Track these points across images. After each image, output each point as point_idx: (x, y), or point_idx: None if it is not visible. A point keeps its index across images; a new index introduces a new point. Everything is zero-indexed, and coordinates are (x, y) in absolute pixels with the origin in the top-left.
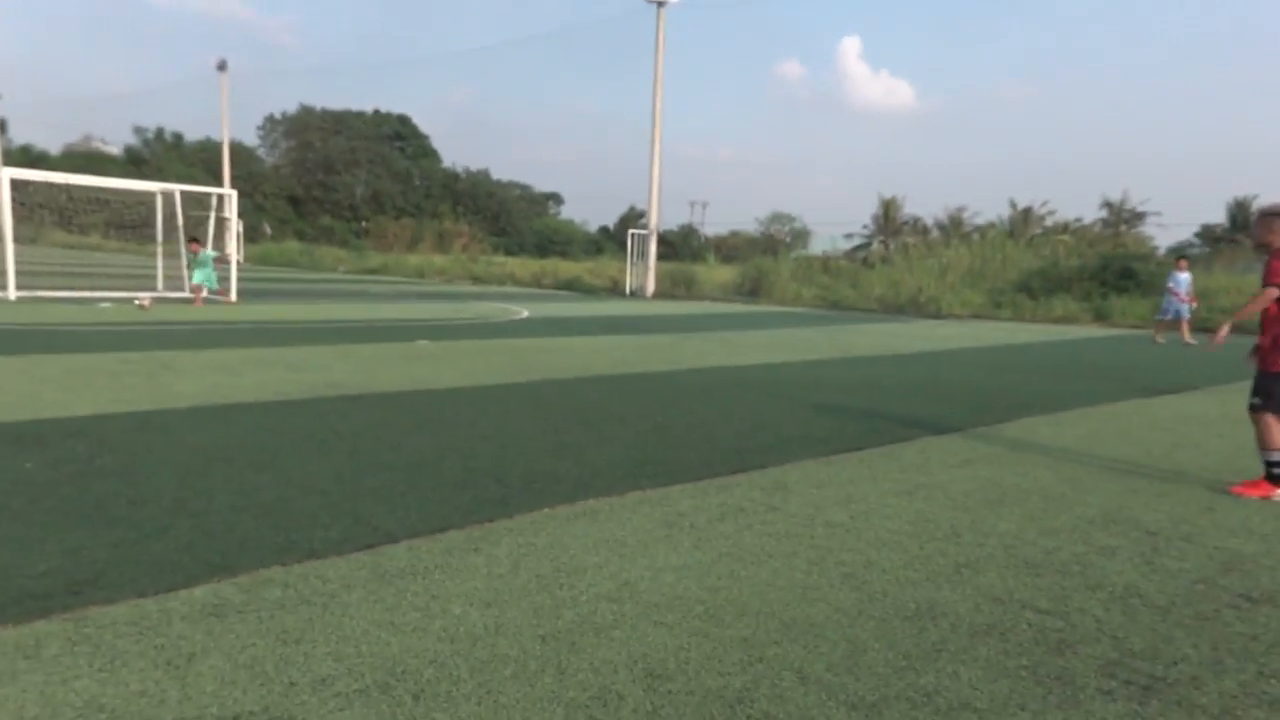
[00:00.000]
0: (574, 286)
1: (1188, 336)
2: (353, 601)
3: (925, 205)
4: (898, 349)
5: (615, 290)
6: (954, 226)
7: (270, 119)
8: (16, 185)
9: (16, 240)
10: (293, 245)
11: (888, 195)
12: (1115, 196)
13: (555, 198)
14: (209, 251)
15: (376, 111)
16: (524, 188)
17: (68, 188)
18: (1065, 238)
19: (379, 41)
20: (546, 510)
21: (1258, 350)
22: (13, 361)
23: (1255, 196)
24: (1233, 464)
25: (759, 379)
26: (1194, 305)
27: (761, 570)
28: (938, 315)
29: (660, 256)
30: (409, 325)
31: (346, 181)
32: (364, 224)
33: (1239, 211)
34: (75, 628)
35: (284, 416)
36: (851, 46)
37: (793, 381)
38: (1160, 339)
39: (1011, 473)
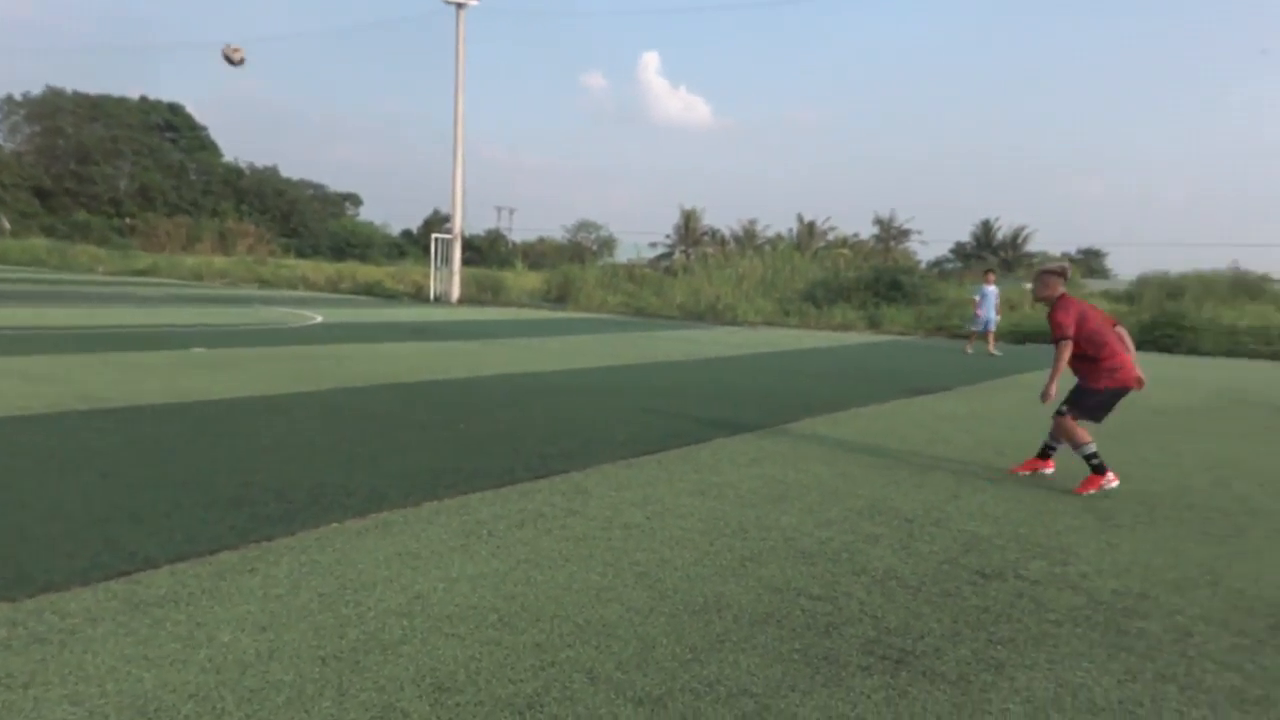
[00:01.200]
0: (374, 291)
1: (992, 347)
2: (98, 636)
3: (723, 217)
4: (697, 354)
5: (419, 296)
6: (748, 238)
7: (9, 100)
8: None
9: None
10: (38, 242)
11: (688, 207)
12: (885, 215)
13: (353, 198)
14: None
15: (143, 98)
16: (317, 187)
17: None
18: (845, 251)
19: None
20: (335, 525)
21: (1045, 396)
22: None
23: (998, 218)
24: (976, 456)
25: (563, 385)
26: (998, 318)
27: (558, 574)
28: (734, 322)
29: (466, 262)
30: (183, 331)
31: (106, 173)
32: (128, 221)
33: (983, 231)
34: None
35: (19, 434)
36: (651, 61)
37: (597, 387)
38: (970, 349)
39: (794, 470)
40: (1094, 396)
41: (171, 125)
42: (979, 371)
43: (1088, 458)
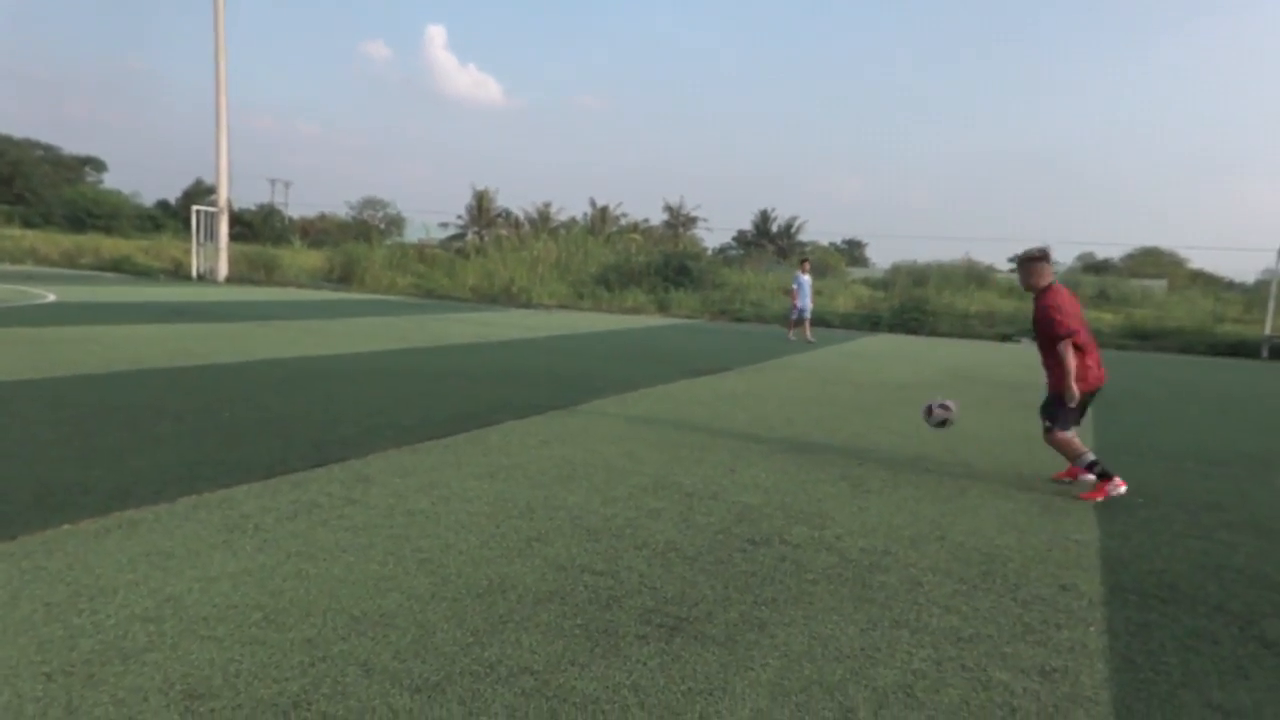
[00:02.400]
0: (123, 268)
1: (808, 334)
2: None
3: (517, 199)
4: (490, 337)
5: (179, 274)
6: (543, 221)
7: None
8: None
9: None
10: None
11: (481, 187)
12: (674, 202)
13: (94, 163)
14: None
15: None
16: (48, 148)
17: None
18: (636, 236)
19: None
20: (66, 527)
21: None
22: None
23: (774, 208)
24: (752, 432)
25: (346, 369)
26: (812, 305)
27: (334, 566)
28: (528, 305)
29: (237, 238)
30: None
31: None
32: None
33: (762, 220)
34: None
35: None
36: (437, 35)
37: (382, 371)
38: (793, 336)
39: (583, 450)
40: (1058, 403)
41: None
42: (757, 353)
43: (1089, 466)
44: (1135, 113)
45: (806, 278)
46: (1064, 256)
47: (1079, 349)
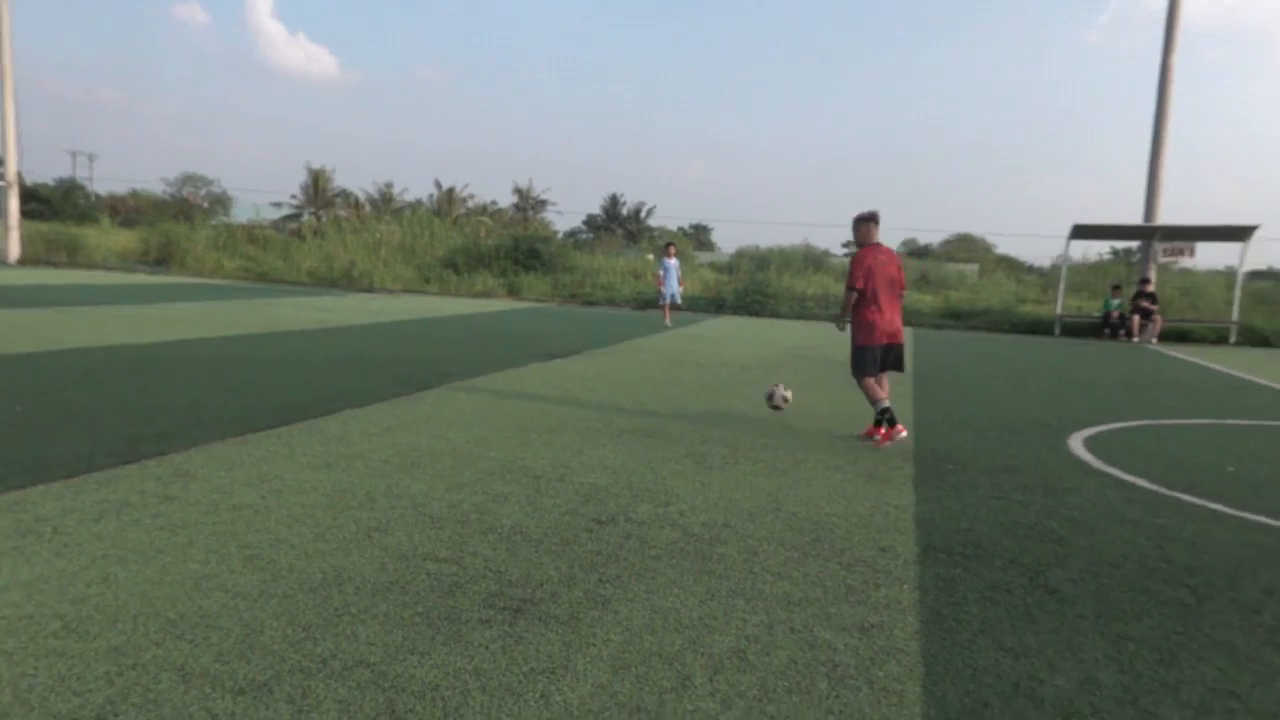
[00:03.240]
0: None
1: (667, 319)
2: None
3: (356, 179)
4: (329, 322)
5: None
6: (385, 202)
7: None
8: None
9: None
10: None
11: (317, 165)
12: (524, 185)
13: None
14: None
15: None
16: None
17: None
18: (485, 219)
19: None
20: None
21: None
22: None
23: (623, 193)
24: (599, 413)
25: (164, 358)
26: (681, 289)
27: (147, 568)
28: (370, 289)
29: (31, 215)
30: None
31: None
32: None
33: (611, 204)
34: None
35: None
36: (261, 2)
37: (206, 359)
38: (669, 322)
39: (428, 436)
40: (857, 354)
41: None
42: (607, 336)
43: (881, 412)
44: (950, 108)
45: (673, 262)
46: (890, 241)
47: (872, 303)
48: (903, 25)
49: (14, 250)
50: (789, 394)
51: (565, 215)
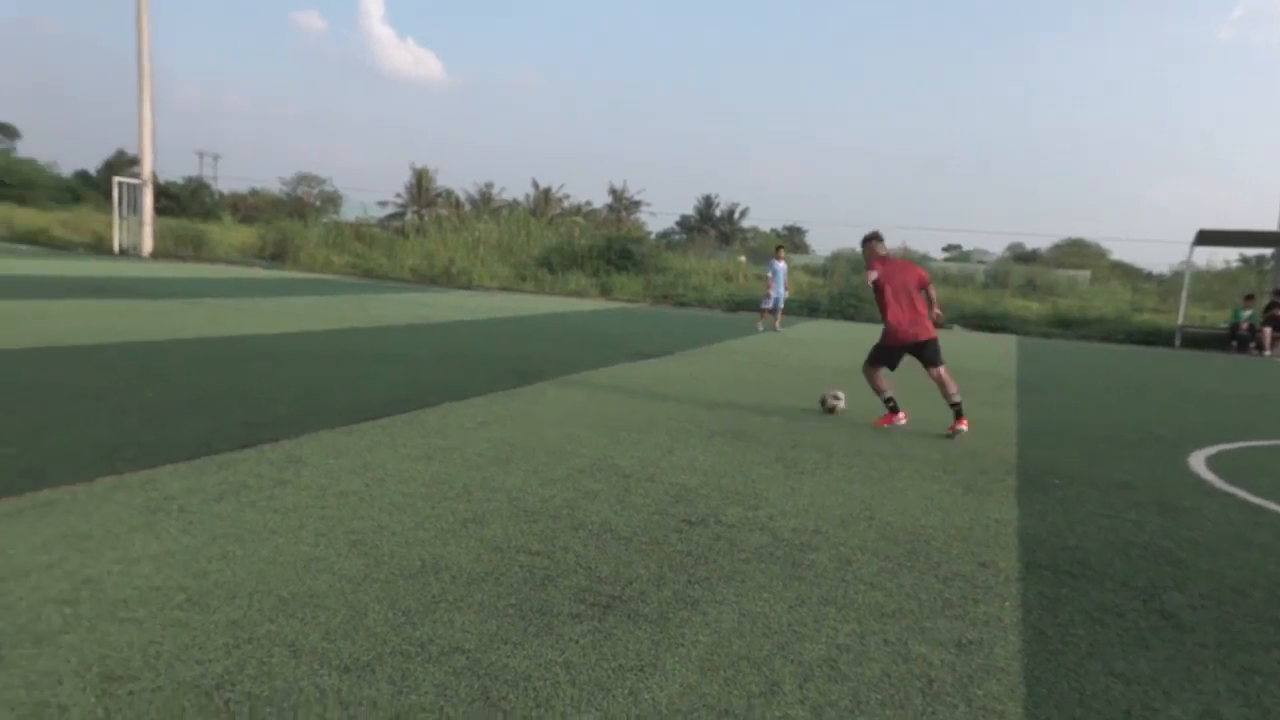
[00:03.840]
0: (39, 240)
1: (778, 323)
2: None
3: (458, 179)
4: (429, 318)
5: (100, 248)
6: (484, 202)
7: None
8: None
9: None
10: None
11: (420, 166)
12: (619, 185)
13: (6, 130)
14: None
15: None
16: None
17: None
18: (579, 219)
19: None
20: None
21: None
22: None
23: (717, 194)
24: (690, 414)
25: (278, 349)
26: (787, 294)
27: (262, 548)
28: (469, 286)
29: (163, 211)
30: None
31: None
32: None
33: (705, 206)
34: None
35: None
36: (375, 7)
37: (317, 351)
38: (761, 326)
39: (522, 432)
40: (873, 349)
41: None
42: (699, 338)
43: (885, 401)
44: (1063, 109)
45: (782, 265)
46: (995, 246)
47: (890, 309)
48: (1014, 21)
49: (147, 244)
50: (841, 395)
51: (658, 216)
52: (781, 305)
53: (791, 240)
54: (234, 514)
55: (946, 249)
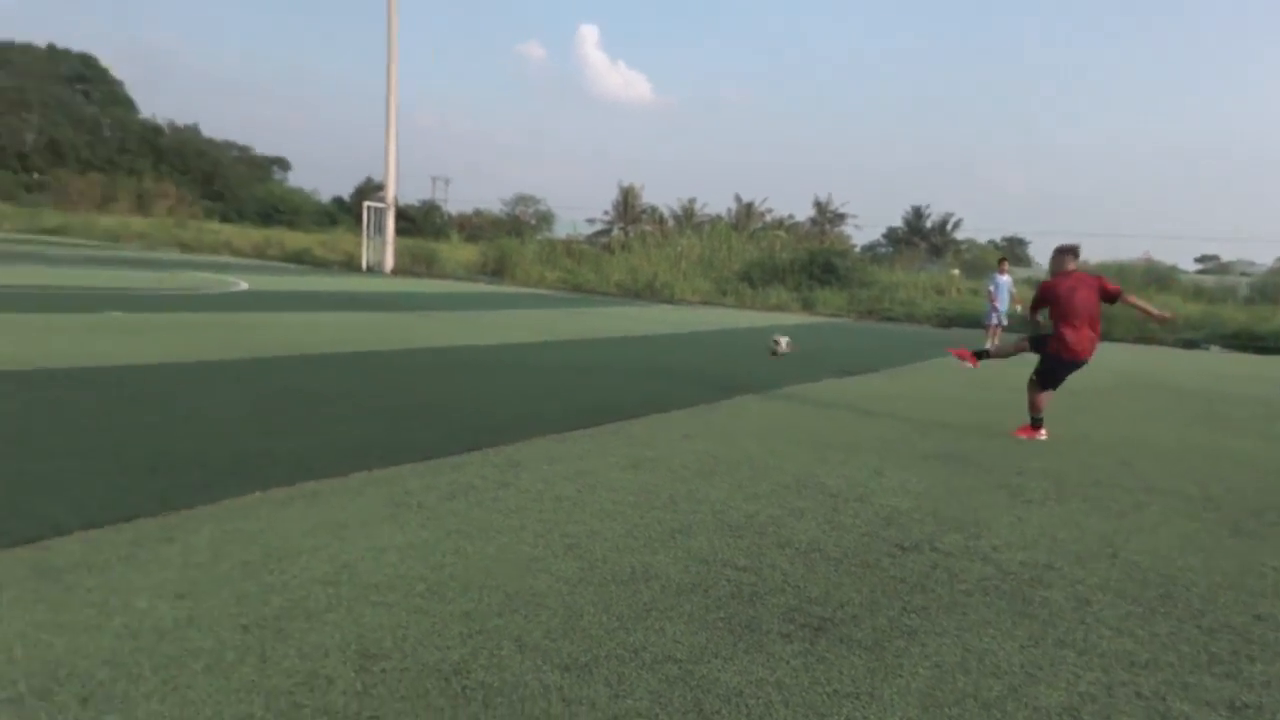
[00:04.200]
0: (303, 259)
1: (996, 340)
2: (5, 602)
3: (662, 195)
4: (633, 331)
5: (350, 265)
6: (687, 217)
7: None
8: None
9: None
10: None
11: (627, 184)
12: (823, 198)
13: (281, 163)
14: None
15: (52, 47)
16: (243, 149)
17: None
18: (781, 233)
19: None
20: (258, 494)
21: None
22: None
23: (928, 205)
24: (899, 434)
25: (498, 359)
26: (1018, 307)
27: (489, 545)
28: (671, 300)
29: (400, 232)
30: (97, 293)
31: (13, 125)
32: (37, 176)
33: (914, 217)
34: None
35: None
36: (590, 34)
37: (532, 362)
38: (990, 345)
39: (725, 445)
40: (1048, 363)
41: (83, 77)
42: (907, 354)
43: (1036, 419)
44: None
45: (1006, 278)
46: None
47: (1067, 323)
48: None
49: (389, 262)
50: (781, 339)
51: (864, 229)
52: (1004, 321)
53: (1012, 252)
54: (464, 512)
55: (1201, 260)
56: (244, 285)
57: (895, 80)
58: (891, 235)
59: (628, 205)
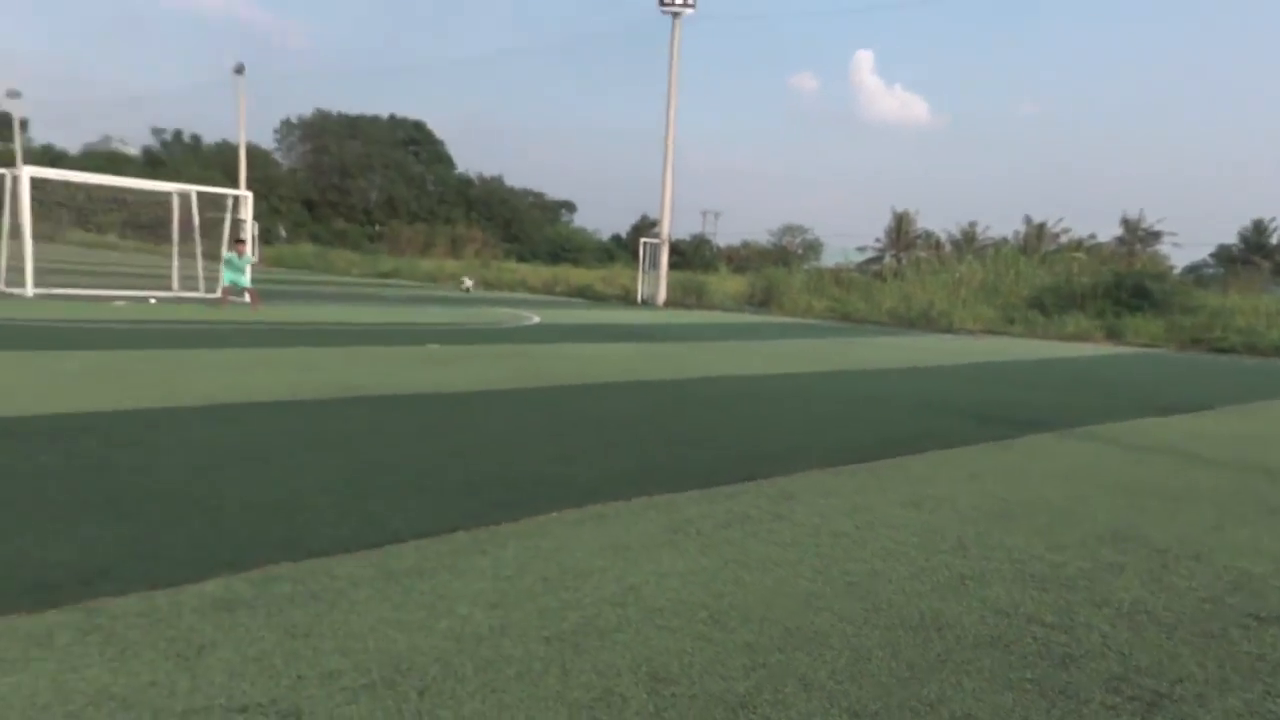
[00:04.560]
0: (585, 294)
1: None
2: (360, 599)
3: (938, 220)
4: (908, 362)
5: (626, 298)
6: (967, 241)
7: (286, 123)
8: (36, 183)
9: (35, 238)
10: (307, 248)
11: (900, 209)
12: (1133, 214)
13: (568, 205)
14: (249, 255)
15: (392, 116)
16: (537, 195)
17: (86, 187)
18: (1079, 255)
19: (393, 46)
20: (554, 514)
21: None
22: (31, 357)
23: (1273, 219)
24: (1242, 483)
25: (768, 389)
26: None
27: (766, 577)
28: (949, 329)
29: (672, 265)
30: (420, 329)
31: (361, 186)
32: (377, 228)
33: (1255, 233)
34: (87, 618)
35: (294, 416)
36: (865, 60)
37: (802, 392)
38: None
39: (1020, 488)
40: None
41: (415, 140)
42: (1249, 390)
43: None
44: None
45: None
46: None
47: None
48: None
49: (662, 295)
50: (468, 280)
51: (1184, 248)
52: None
53: None
54: (740, 541)
55: None
56: (536, 319)
57: (1228, 78)
58: (1222, 254)
59: (901, 231)
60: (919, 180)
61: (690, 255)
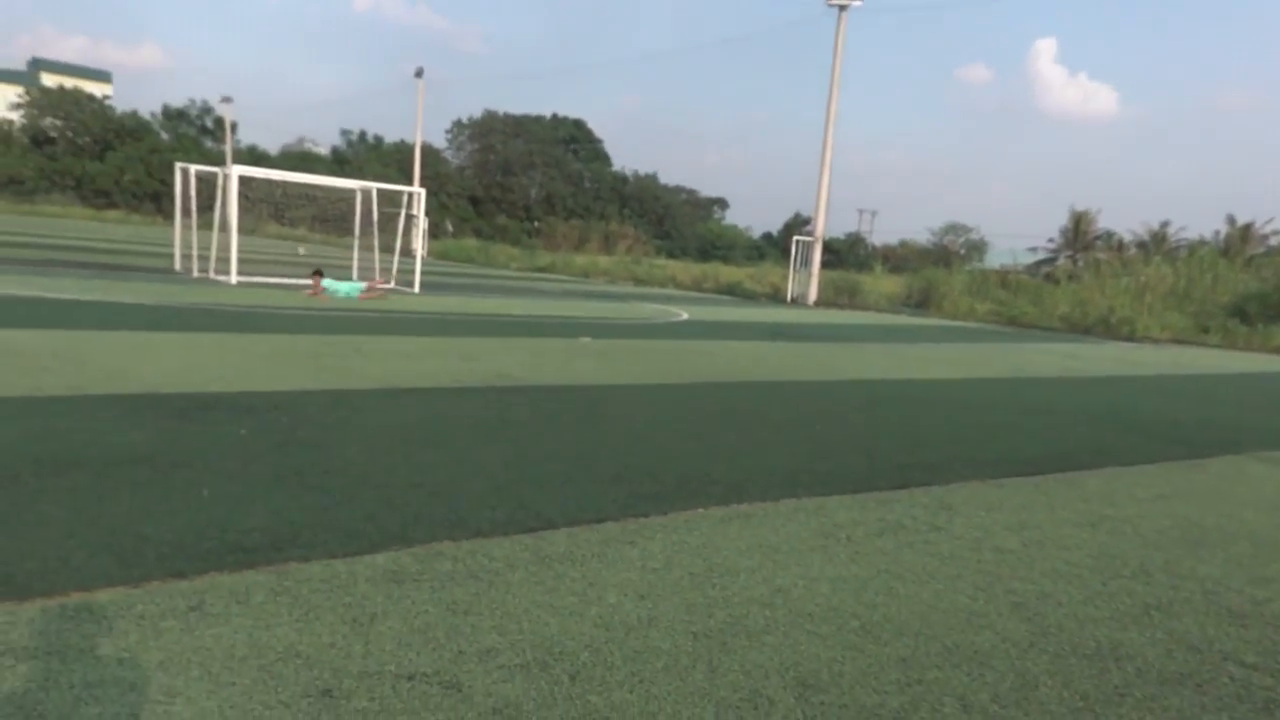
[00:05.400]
0: (734, 291)
1: None
2: (515, 581)
3: (1121, 220)
4: (1084, 372)
5: (776, 297)
6: (1156, 243)
7: (458, 123)
8: (241, 181)
9: (239, 231)
10: (470, 242)
11: (1079, 207)
12: None
13: (720, 202)
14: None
15: (554, 115)
16: (690, 192)
17: (282, 184)
18: None
19: (559, 49)
20: (700, 510)
21: None
22: (232, 339)
23: None
24: None
25: (924, 395)
26: None
27: (922, 590)
28: (1131, 338)
29: (824, 264)
30: (574, 322)
31: (522, 183)
32: (536, 224)
33: None
34: (278, 580)
35: (457, 402)
36: (1046, 49)
37: (962, 399)
38: None
39: (1214, 513)
40: None
41: (575, 138)
42: None
43: None
44: None
45: None
46: None
47: None
48: None
49: (813, 294)
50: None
51: None
52: None
53: None
54: (893, 551)
55: None
56: (684, 315)
57: None
58: None
59: (1079, 231)
60: (1102, 176)
61: (844, 254)
